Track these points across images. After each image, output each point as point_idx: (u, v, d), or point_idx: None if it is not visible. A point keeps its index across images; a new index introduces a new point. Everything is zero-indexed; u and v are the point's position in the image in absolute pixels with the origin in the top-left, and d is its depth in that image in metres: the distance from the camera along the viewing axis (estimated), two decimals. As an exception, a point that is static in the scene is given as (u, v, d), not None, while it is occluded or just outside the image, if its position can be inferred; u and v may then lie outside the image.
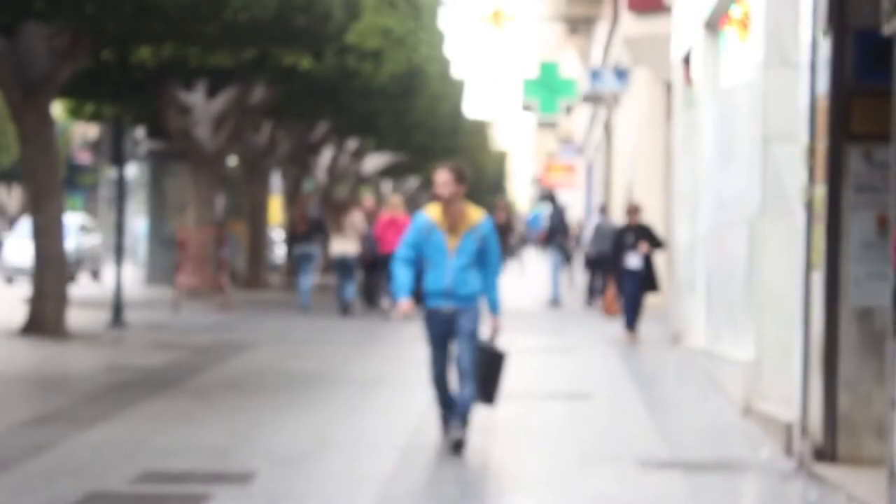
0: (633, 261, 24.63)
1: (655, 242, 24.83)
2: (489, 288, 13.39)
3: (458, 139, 71.20)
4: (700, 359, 21.03)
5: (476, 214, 13.15)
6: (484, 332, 13.53)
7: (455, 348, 13.26)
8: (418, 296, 13.87)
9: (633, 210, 25.25)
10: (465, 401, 13.19)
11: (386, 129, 46.87)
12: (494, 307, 13.52)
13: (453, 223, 13.05)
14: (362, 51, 38.13)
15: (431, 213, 13.13)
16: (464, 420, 13.15)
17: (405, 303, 13.31)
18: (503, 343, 13.81)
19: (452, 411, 13.20)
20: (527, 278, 49.25)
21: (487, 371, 13.29)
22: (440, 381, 13.35)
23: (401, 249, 13.48)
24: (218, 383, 19.78)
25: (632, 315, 25.02)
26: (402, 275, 13.35)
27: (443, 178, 12.96)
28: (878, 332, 12.10)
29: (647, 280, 24.81)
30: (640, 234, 24.65)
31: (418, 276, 13.69)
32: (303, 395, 17.41)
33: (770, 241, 16.12)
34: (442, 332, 13.27)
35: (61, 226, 26.98)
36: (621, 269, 25.25)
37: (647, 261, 24.81)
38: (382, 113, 41.72)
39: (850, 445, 12.80)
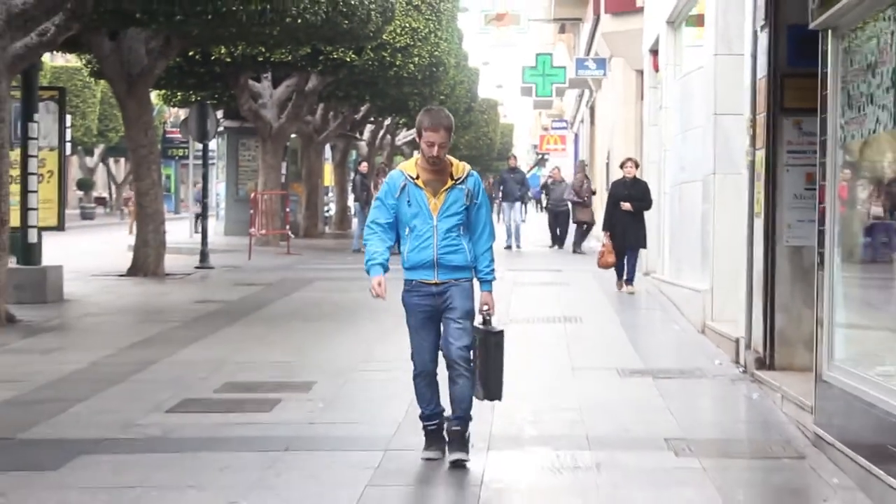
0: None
1: (644, 203, 21.90)
2: (481, 256, 9.00)
3: (473, 116, 71.42)
4: (666, 289, 21.05)
5: (460, 167, 9.04)
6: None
7: (445, 332, 8.97)
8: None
9: (627, 163, 22.51)
10: (463, 398, 8.99)
11: (415, 109, 46.54)
12: (487, 281, 9.08)
13: (435, 178, 8.90)
14: (394, 47, 38.05)
15: (407, 168, 9.03)
16: (465, 424, 9.02)
17: (378, 281, 8.93)
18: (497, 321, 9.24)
19: (439, 423, 8.99)
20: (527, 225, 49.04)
21: (487, 356, 8.89)
22: (427, 376, 9.01)
23: (372, 212, 9.25)
24: (283, 312, 19.82)
25: (622, 268, 21.94)
26: (373, 244, 9.02)
27: (441, 138, 8.77)
28: (806, 265, 12.13)
29: (637, 235, 21.86)
30: (631, 189, 21.89)
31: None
32: (350, 321, 17.43)
33: (720, 195, 16.11)
34: (428, 309, 8.94)
35: (159, 189, 27.19)
36: (619, 223, 21.61)
37: (639, 218, 21.89)
38: (411, 96, 41.60)
39: (784, 356, 12.84)
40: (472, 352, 8.97)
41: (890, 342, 8.36)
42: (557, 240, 36.75)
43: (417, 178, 8.86)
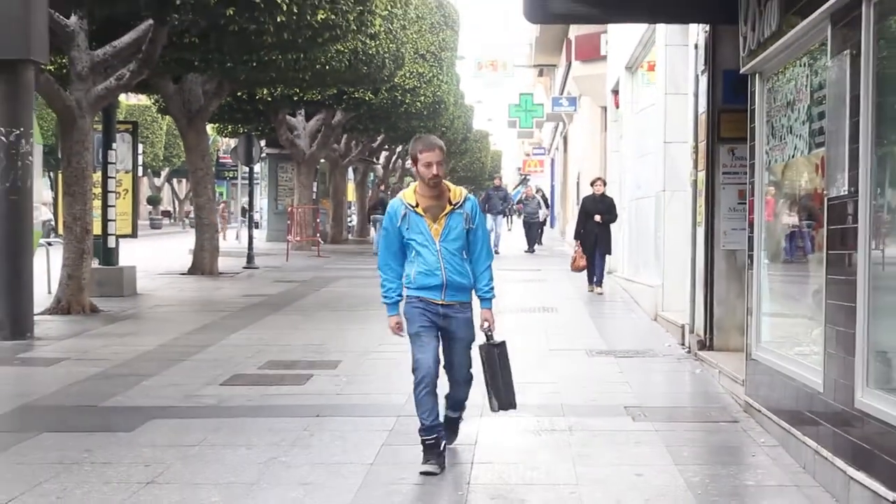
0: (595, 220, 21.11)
1: (611, 216, 20.92)
2: (480, 275, 7.87)
3: (468, 144, 71.45)
4: (626, 285, 21.05)
5: (457, 191, 7.90)
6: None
7: (449, 357, 7.92)
8: None
9: (596, 182, 21.50)
10: (462, 398, 8.17)
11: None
12: (487, 299, 7.95)
13: (434, 204, 7.73)
14: (404, 88, 38.07)
15: (406, 197, 7.81)
16: (460, 413, 8.31)
17: (396, 322, 7.95)
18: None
19: (437, 437, 7.68)
20: (512, 233, 48.94)
21: (494, 368, 7.88)
22: (429, 383, 7.61)
23: (382, 241, 8.02)
24: (314, 304, 19.82)
25: (592, 272, 20.90)
26: (387, 278, 7.90)
27: (437, 156, 7.68)
28: (739, 266, 12.15)
29: (605, 244, 20.90)
30: (600, 204, 20.89)
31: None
32: (370, 312, 17.38)
33: (669, 208, 16.10)
34: (433, 319, 7.74)
35: (213, 203, 27.30)
36: (589, 234, 20.68)
37: (605, 230, 20.93)
38: (418, 128, 41.49)
39: (721, 339, 12.85)
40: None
41: (805, 327, 8.38)
42: (532, 245, 36.70)
43: (417, 205, 7.66)
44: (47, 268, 19.36)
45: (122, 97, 49.39)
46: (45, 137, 22.84)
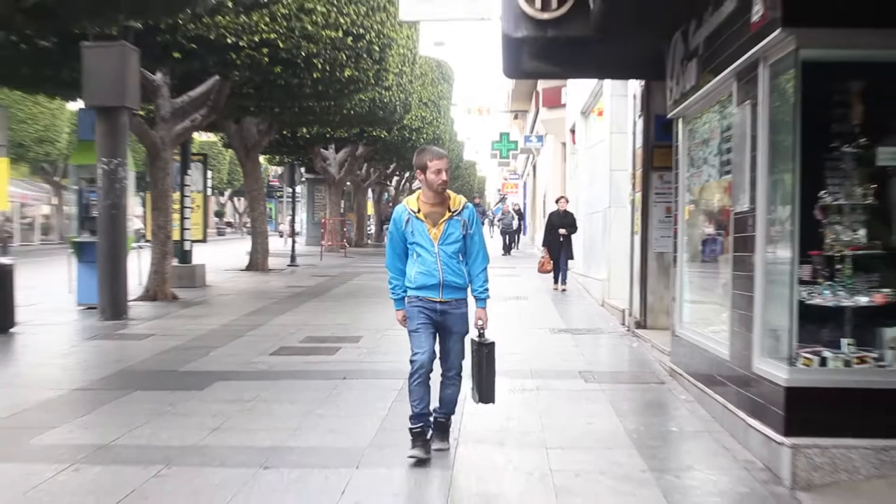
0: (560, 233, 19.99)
1: (572, 228, 19.59)
2: (476, 277, 6.90)
3: (460, 171, 71.58)
4: (581, 279, 21.05)
5: (457, 199, 6.99)
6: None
7: (444, 348, 6.95)
8: None
9: (560, 199, 20.34)
10: (452, 399, 6.99)
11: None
12: (482, 298, 6.93)
13: (435, 211, 6.85)
14: (411, 128, 38.16)
15: (410, 204, 6.93)
16: (449, 417, 7.07)
17: (402, 315, 6.96)
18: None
19: (424, 425, 6.76)
20: (493, 240, 48.83)
21: (481, 364, 6.88)
22: (423, 373, 6.72)
23: (388, 244, 7.06)
24: (342, 293, 19.80)
25: (557, 273, 19.71)
26: (394, 276, 6.98)
27: (446, 164, 6.81)
28: (666, 264, 12.17)
29: (568, 251, 19.63)
30: (564, 219, 19.58)
31: None
32: (385, 300, 17.35)
33: (614, 221, 16.11)
34: (432, 317, 6.81)
35: (265, 217, 27.25)
36: (554, 243, 19.49)
37: (568, 240, 19.59)
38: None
39: (652, 320, 12.89)
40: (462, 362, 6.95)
41: (716, 311, 8.41)
42: (507, 249, 36.61)
43: (419, 211, 6.76)
44: (138, 265, 19.37)
45: (195, 134, 49.41)
46: (137, 165, 22.80)
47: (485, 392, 6.84)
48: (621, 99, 15.83)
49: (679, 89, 9.39)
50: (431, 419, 6.85)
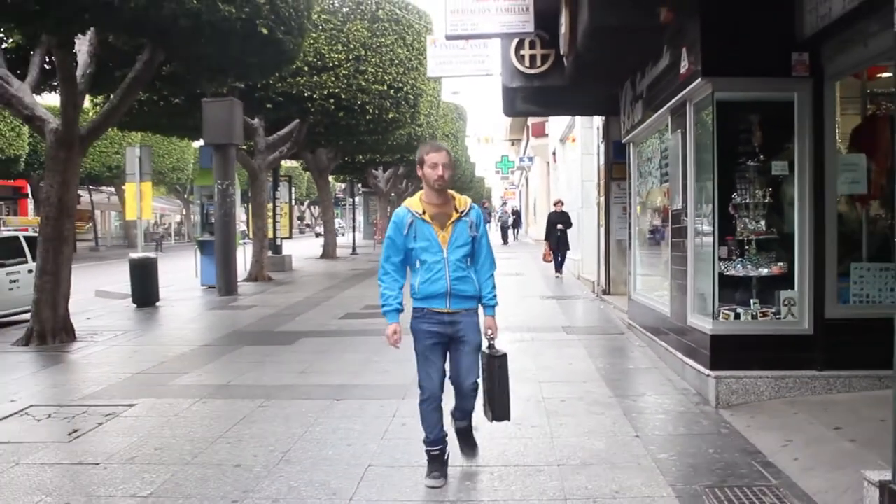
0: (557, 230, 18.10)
1: (567, 224, 17.53)
2: (484, 283, 4.57)
3: (473, 183, 70.89)
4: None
5: (462, 200, 4.64)
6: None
7: (456, 364, 4.50)
8: None
9: (557, 202, 18.39)
10: (469, 408, 4.62)
11: (451, 181, 46.80)
12: (490, 306, 4.59)
13: (441, 212, 4.51)
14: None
15: (413, 205, 4.55)
16: (469, 420, 4.71)
17: (393, 329, 4.62)
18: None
19: (442, 448, 4.54)
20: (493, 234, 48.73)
21: (493, 378, 4.57)
22: (434, 400, 4.46)
23: (385, 250, 4.56)
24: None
25: (557, 264, 17.59)
26: (387, 286, 4.62)
27: (443, 158, 4.50)
28: (623, 248, 12.13)
29: (565, 244, 17.61)
30: (560, 217, 17.61)
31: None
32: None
33: (585, 218, 16.10)
34: (438, 336, 4.48)
35: (333, 220, 27.33)
36: (553, 237, 17.45)
37: (564, 234, 17.62)
38: (451, 176, 41.57)
39: (614, 289, 12.87)
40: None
41: (660, 281, 8.40)
42: (504, 240, 36.45)
43: (423, 213, 4.47)
44: (244, 256, 19.49)
45: (283, 161, 49.54)
46: (242, 185, 23.01)
47: (498, 408, 4.56)
48: (588, 129, 15.79)
49: (630, 122, 9.36)
50: (446, 442, 4.57)
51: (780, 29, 5.95)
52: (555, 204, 18.81)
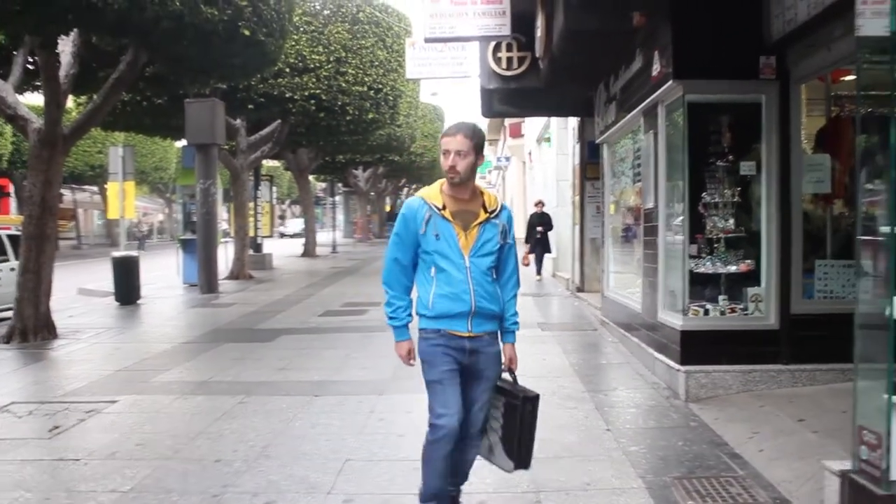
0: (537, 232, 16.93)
1: (548, 227, 16.27)
2: (507, 304, 3.47)
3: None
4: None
5: (492, 198, 3.37)
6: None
7: (471, 401, 3.36)
8: None
9: (538, 203, 16.98)
10: (470, 465, 3.55)
11: (429, 180, 46.97)
12: (511, 332, 3.48)
13: (466, 210, 3.28)
14: (416, 153, 38.05)
15: (431, 197, 3.29)
16: (463, 482, 3.60)
17: (407, 349, 3.48)
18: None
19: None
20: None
21: (521, 424, 3.34)
22: (451, 440, 3.22)
23: (392, 248, 3.45)
24: (369, 271, 19.81)
25: (537, 266, 16.31)
26: (395, 295, 3.52)
27: (456, 143, 3.25)
28: (597, 246, 12.16)
29: (544, 246, 16.29)
30: (540, 219, 16.28)
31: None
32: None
33: (560, 216, 16.15)
34: (458, 359, 3.29)
35: (314, 219, 27.21)
36: (532, 239, 16.23)
37: (545, 236, 16.21)
38: (428, 175, 41.63)
39: (588, 286, 12.91)
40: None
41: (632, 278, 8.44)
42: None
43: (444, 208, 3.38)
44: (225, 255, 19.36)
45: (264, 161, 49.38)
46: (224, 184, 22.89)
47: (524, 455, 3.51)
48: (563, 130, 15.84)
49: (603, 123, 9.40)
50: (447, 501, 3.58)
51: (748, 33, 6.01)
52: (535, 205, 17.57)
